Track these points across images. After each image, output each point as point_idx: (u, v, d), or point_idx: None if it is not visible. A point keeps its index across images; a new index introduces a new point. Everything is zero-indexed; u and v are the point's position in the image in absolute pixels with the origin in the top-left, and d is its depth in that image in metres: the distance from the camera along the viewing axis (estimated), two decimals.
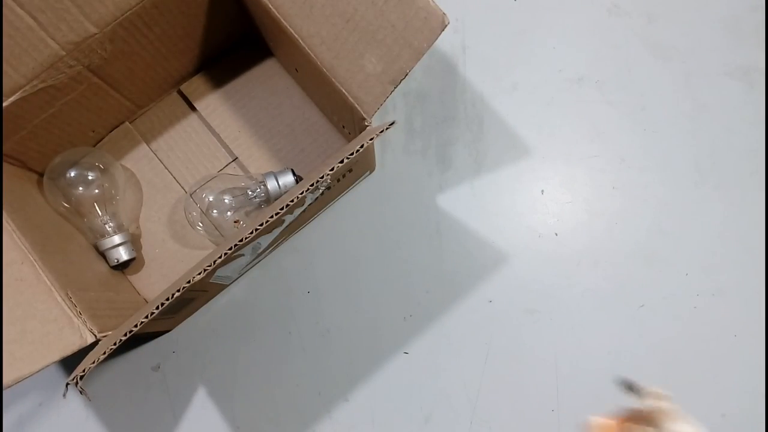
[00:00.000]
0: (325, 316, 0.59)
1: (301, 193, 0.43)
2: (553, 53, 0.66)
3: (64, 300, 0.43)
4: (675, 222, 0.61)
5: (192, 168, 0.62)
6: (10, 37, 0.44)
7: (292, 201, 0.42)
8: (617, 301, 0.59)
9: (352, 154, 0.42)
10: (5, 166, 0.52)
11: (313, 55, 0.45)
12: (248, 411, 0.57)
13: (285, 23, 0.45)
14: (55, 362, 0.41)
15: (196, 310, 0.59)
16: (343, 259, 0.60)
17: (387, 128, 0.43)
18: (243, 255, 0.50)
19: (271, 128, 0.62)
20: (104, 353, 0.39)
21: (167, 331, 0.59)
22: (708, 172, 0.62)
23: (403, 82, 0.43)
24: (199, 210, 0.57)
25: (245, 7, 0.56)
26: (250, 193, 0.57)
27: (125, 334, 0.40)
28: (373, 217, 0.61)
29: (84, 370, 0.38)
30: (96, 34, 0.47)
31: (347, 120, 0.53)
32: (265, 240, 0.52)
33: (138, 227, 0.60)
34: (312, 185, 0.43)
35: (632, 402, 0.35)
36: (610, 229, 0.61)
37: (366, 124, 0.46)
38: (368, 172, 0.62)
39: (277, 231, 0.51)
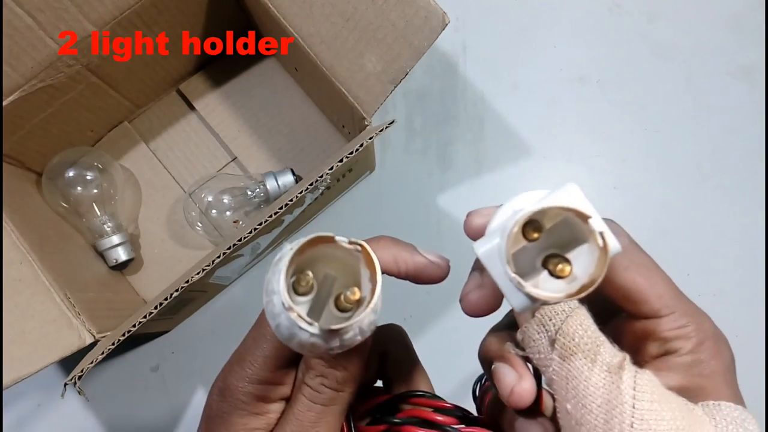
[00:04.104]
0: None
1: (301, 193, 0.42)
2: (554, 52, 0.65)
3: (62, 300, 0.43)
4: (676, 222, 0.60)
5: (191, 168, 0.62)
6: (9, 36, 0.44)
7: (292, 200, 0.42)
8: None
9: (351, 153, 0.42)
10: (4, 166, 0.52)
11: (312, 55, 0.45)
12: None
13: (284, 22, 0.45)
14: (53, 363, 0.40)
15: (196, 310, 0.59)
16: None
17: (386, 127, 0.43)
18: (242, 255, 0.50)
19: (271, 128, 0.62)
20: (102, 353, 0.39)
21: (166, 332, 0.59)
22: (709, 172, 0.62)
23: (403, 81, 0.43)
24: (198, 210, 0.57)
25: (244, 5, 0.55)
26: (249, 192, 0.57)
27: (124, 335, 0.39)
28: (373, 217, 0.61)
29: (82, 371, 0.38)
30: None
31: (347, 119, 0.53)
32: (265, 240, 0.51)
33: (137, 227, 0.60)
34: (311, 185, 0.43)
35: None
36: None
37: (366, 123, 0.45)
38: (368, 172, 0.62)
39: (276, 231, 0.51)
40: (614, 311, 0.25)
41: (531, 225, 0.20)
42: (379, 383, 0.30)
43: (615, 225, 0.23)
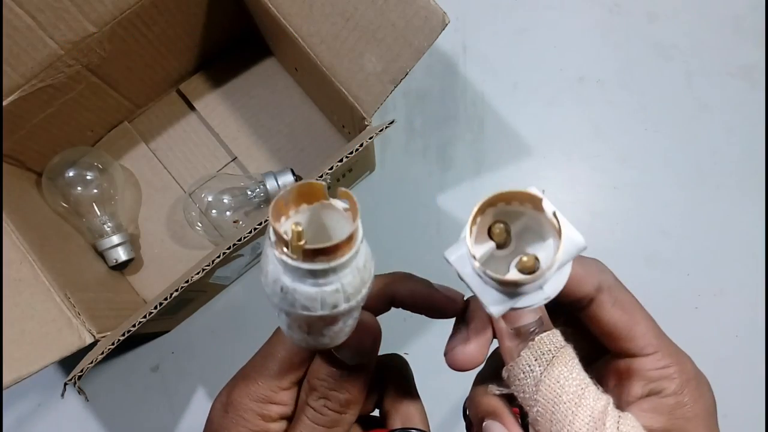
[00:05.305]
0: None
1: None
2: (554, 52, 0.65)
3: (62, 300, 0.43)
4: (676, 222, 0.60)
5: (191, 168, 0.62)
6: (9, 36, 0.44)
7: None
8: None
9: (351, 153, 0.42)
10: (4, 166, 0.52)
11: (312, 55, 0.45)
12: None
13: (284, 22, 0.45)
14: (53, 363, 0.40)
15: (196, 310, 0.59)
16: None
17: (386, 127, 0.43)
18: (242, 255, 0.50)
19: (271, 128, 0.62)
20: (102, 353, 0.39)
21: (166, 332, 0.59)
22: (709, 172, 0.62)
23: (403, 81, 0.43)
24: (198, 210, 0.57)
25: (244, 6, 0.55)
26: (249, 192, 0.57)
27: (123, 335, 0.39)
28: (373, 217, 0.61)
29: (82, 370, 0.38)
30: (95, 33, 0.47)
31: (347, 119, 0.53)
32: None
33: (137, 227, 0.60)
34: None
35: None
36: (611, 229, 0.61)
37: (366, 123, 0.45)
38: (368, 172, 0.62)
39: None
40: (599, 353, 0.25)
41: (497, 226, 0.20)
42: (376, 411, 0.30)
43: (599, 263, 0.24)
